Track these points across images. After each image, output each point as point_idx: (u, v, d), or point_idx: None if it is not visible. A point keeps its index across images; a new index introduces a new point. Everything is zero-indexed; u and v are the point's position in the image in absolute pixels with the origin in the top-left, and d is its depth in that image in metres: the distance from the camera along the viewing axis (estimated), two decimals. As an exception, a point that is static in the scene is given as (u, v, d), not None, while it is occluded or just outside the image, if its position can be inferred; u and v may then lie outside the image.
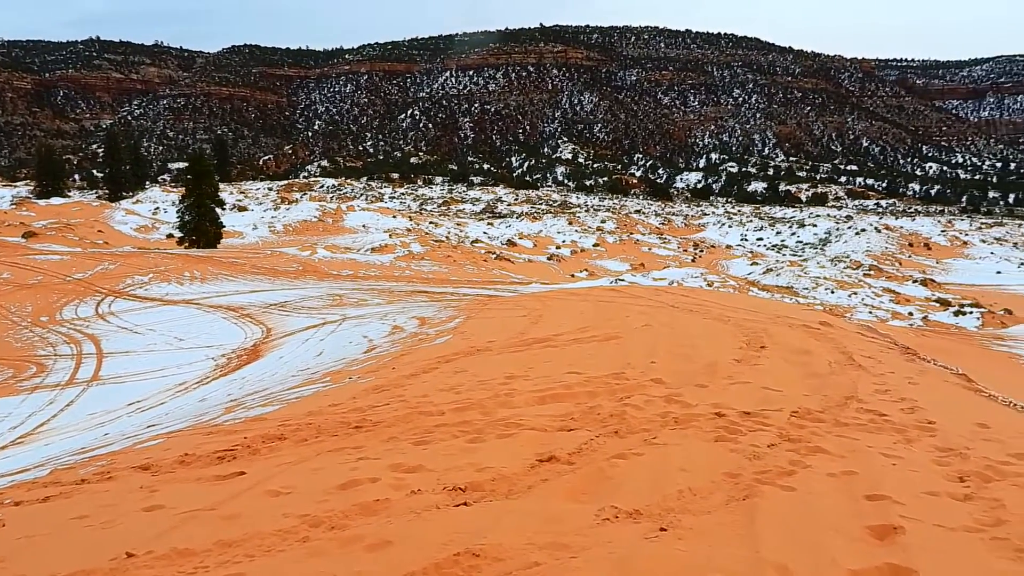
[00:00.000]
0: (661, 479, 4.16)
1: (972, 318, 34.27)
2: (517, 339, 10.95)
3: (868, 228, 78.46)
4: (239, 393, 10.24)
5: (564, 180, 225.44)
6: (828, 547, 3.24)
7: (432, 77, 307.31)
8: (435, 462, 4.56)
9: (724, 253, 69.35)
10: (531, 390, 6.88)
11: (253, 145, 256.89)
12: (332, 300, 23.30)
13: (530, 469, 4.41)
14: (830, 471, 4.33)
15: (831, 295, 41.13)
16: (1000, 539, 3.35)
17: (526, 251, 60.79)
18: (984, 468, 4.48)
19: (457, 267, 45.57)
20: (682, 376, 7.42)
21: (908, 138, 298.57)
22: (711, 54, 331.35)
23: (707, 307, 15.37)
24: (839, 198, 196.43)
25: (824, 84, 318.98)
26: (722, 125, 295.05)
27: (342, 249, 48.13)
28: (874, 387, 7.10)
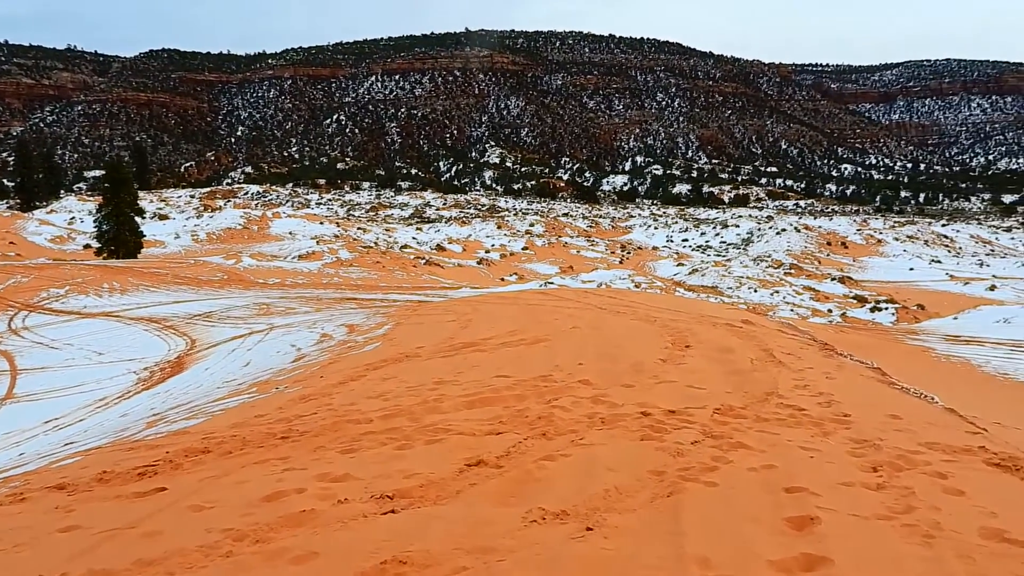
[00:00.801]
0: (588, 479, 4.22)
1: (887, 314, 35.55)
2: (446, 344, 10.94)
3: (788, 228, 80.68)
4: (162, 407, 9.99)
5: (492, 184, 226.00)
6: (748, 539, 3.34)
7: (358, 82, 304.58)
8: (363, 470, 4.52)
9: (651, 254, 70.45)
10: (460, 395, 6.88)
11: (174, 152, 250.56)
12: (259, 309, 22.90)
13: (458, 474, 4.42)
14: (751, 465, 4.45)
15: (754, 294, 42.15)
16: (910, 525, 3.49)
17: (455, 256, 60.73)
18: (896, 458, 4.66)
19: (386, 273, 45.26)
20: (609, 377, 7.52)
21: (824, 140, 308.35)
22: (634, 59, 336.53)
23: (634, 308, 15.60)
24: (760, 199, 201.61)
25: (744, 88, 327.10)
26: (646, 128, 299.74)
27: (268, 257, 47.34)
28: (794, 382, 7.32)
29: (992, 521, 3.55)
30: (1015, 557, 3.16)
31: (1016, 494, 4.13)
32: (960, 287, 49.36)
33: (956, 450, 4.93)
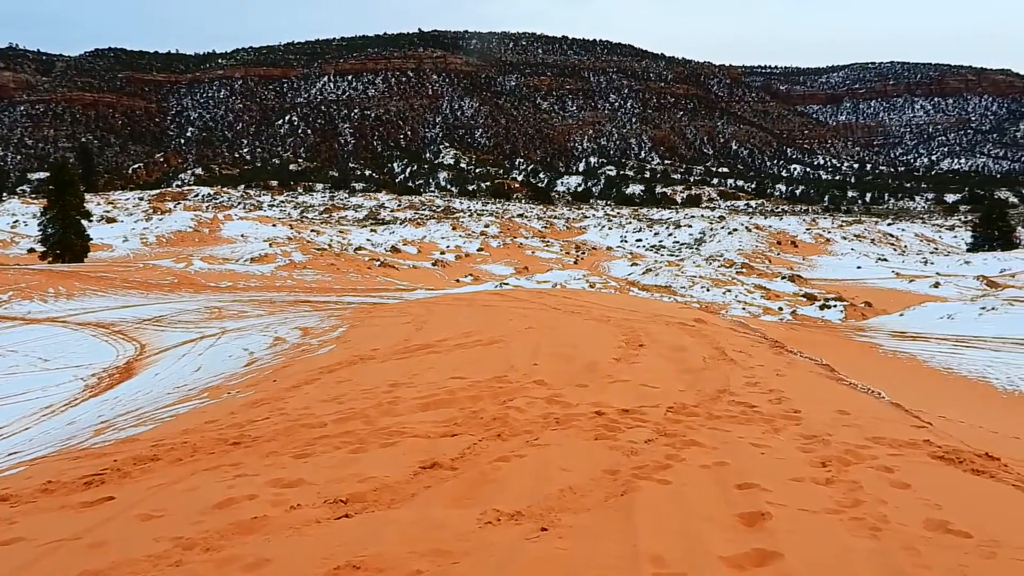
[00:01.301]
0: (542, 480, 4.23)
1: (836, 311, 36.21)
2: (401, 346, 10.89)
3: (740, 228, 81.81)
4: (110, 414, 9.77)
5: (447, 185, 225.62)
6: (701, 536, 3.37)
7: (310, 82, 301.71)
8: (316, 475, 4.48)
9: (605, 255, 70.86)
10: (415, 397, 6.85)
11: (121, 153, 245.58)
12: (210, 313, 22.55)
13: (413, 477, 4.40)
14: (703, 463, 4.50)
15: (707, 293, 42.63)
16: (857, 519, 3.56)
17: (410, 257, 60.45)
18: (844, 453, 4.76)
19: (341, 275, 44.89)
20: (564, 377, 7.55)
21: (774, 141, 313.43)
22: (588, 60, 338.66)
23: (589, 308, 15.69)
24: (712, 199, 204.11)
25: (695, 90, 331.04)
26: (600, 130, 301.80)
27: (220, 260, 46.64)
28: (745, 380, 7.42)
29: (936, 513, 3.64)
30: (958, 548, 3.23)
31: (959, 486, 4.24)
32: (906, 284, 50.50)
33: (902, 444, 5.05)
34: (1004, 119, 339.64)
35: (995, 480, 4.36)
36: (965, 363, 19.04)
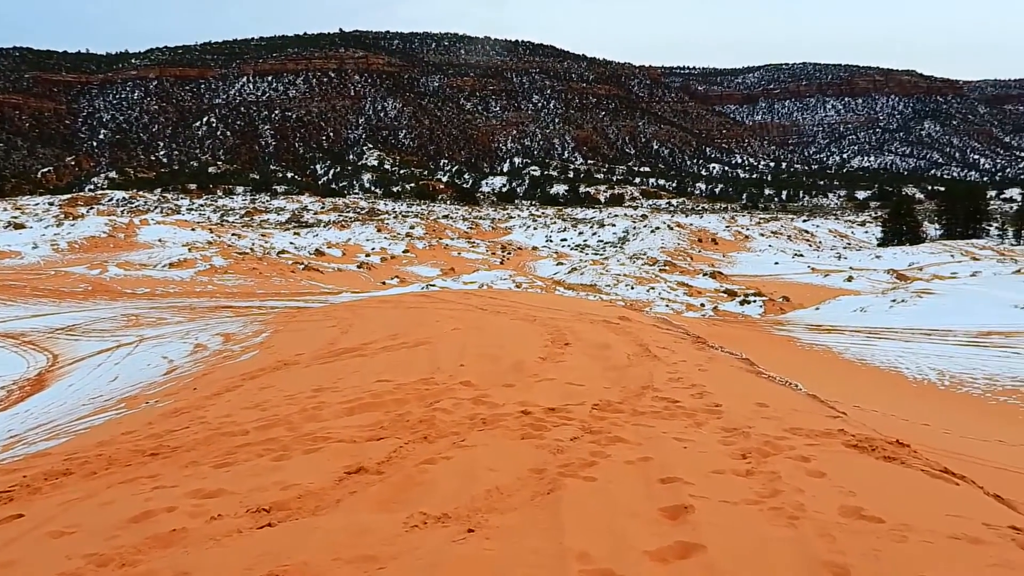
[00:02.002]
0: (469, 481, 4.22)
1: (755, 306, 37.12)
2: (326, 350, 10.74)
3: (662, 226, 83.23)
4: (20, 428, 9.38)
5: (371, 187, 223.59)
6: (626, 531, 3.41)
7: (228, 83, 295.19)
8: (238, 484, 4.38)
9: (531, 254, 71.24)
10: (340, 402, 6.76)
11: (29, 156, 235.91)
12: (127, 320, 21.85)
13: (338, 482, 4.34)
14: (628, 459, 4.56)
15: (631, 291, 43.21)
16: (776, 508, 3.65)
17: (335, 260, 59.65)
18: (763, 444, 4.88)
19: (263, 279, 44.02)
20: (490, 377, 7.56)
21: (693, 141, 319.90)
22: (510, 61, 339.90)
23: (515, 308, 15.73)
24: (634, 198, 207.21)
25: (616, 90, 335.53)
26: (523, 130, 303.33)
27: (137, 266, 45.20)
28: (668, 376, 7.55)
29: (851, 500, 3.76)
30: (871, 533, 3.35)
31: (872, 473, 4.39)
32: (821, 279, 52.12)
33: (818, 434, 5.20)
34: (910, 118, 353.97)
35: (905, 466, 4.53)
36: (878, 354, 19.76)
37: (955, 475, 4.55)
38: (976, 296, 28.44)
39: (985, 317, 24.87)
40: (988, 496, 4.32)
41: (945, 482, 4.31)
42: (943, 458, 6.94)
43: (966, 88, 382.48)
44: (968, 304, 27.06)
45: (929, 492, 4.09)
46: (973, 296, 28.56)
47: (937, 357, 19.21)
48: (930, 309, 26.90)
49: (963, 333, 22.82)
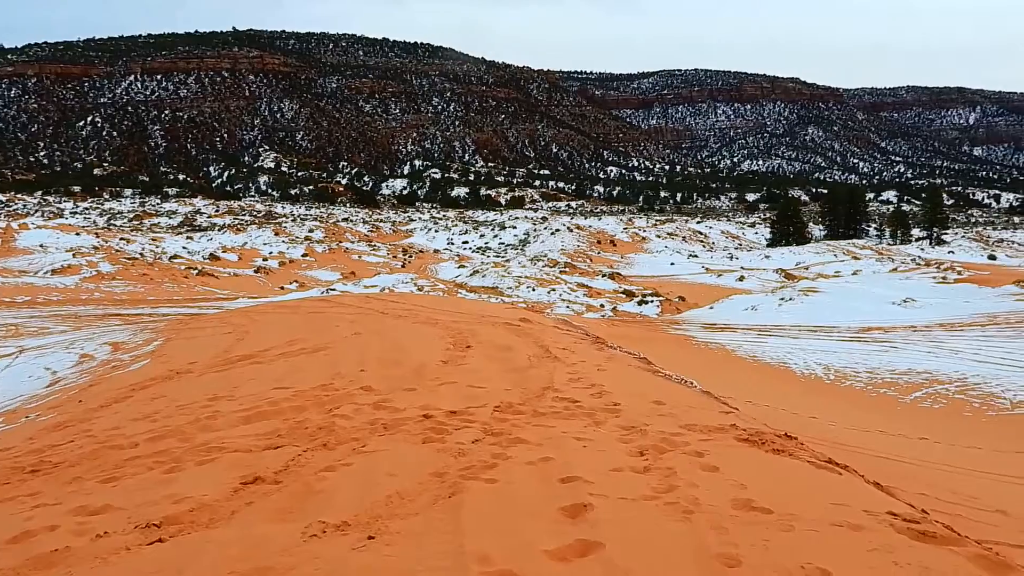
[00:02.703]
0: (370, 487, 4.17)
1: (653, 306, 37.97)
2: (221, 358, 10.44)
3: (562, 228, 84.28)
4: None
5: (268, 190, 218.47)
6: (526, 532, 3.44)
7: (115, 81, 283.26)
8: (126, 499, 4.21)
9: (432, 257, 70.97)
10: (235, 410, 6.58)
11: None
12: (6, 331, 20.68)
13: (233, 494, 4.22)
14: (529, 460, 4.59)
15: (532, 293, 43.57)
16: (672, 503, 3.75)
17: (231, 265, 57.99)
18: (660, 441, 5.00)
19: (155, 286, 42.40)
20: (391, 381, 7.50)
21: (591, 144, 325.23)
22: (410, 63, 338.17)
23: (416, 311, 15.65)
24: (535, 200, 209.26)
25: (516, 94, 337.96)
26: (424, 132, 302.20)
27: (16, 273, 42.86)
28: (568, 376, 7.65)
29: (742, 492, 3.89)
30: (761, 523, 3.48)
31: (762, 465, 4.56)
32: (714, 279, 53.78)
33: (711, 429, 5.37)
34: (795, 124, 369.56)
35: (793, 458, 4.72)
36: (768, 350, 20.52)
37: (839, 465, 4.77)
38: (857, 294, 29.90)
39: (866, 314, 26.16)
40: (868, 484, 4.55)
41: (829, 472, 4.52)
42: (828, 449, 7.26)
43: (846, 96, 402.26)
44: (850, 301, 28.40)
45: (814, 482, 4.28)
46: (854, 294, 30.01)
47: (823, 353, 20.08)
48: (816, 307, 28.11)
49: (846, 329, 23.94)
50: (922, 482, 7.34)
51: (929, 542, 3.35)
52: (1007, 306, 25.58)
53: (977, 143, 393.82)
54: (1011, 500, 7.79)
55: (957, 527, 4.75)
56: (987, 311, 25.18)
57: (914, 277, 33.43)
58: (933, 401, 15.46)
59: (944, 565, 3.08)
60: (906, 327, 23.78)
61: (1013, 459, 11.71)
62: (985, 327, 23.11)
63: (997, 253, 74.96)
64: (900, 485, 6.34)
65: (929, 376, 17.19)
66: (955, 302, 27.08)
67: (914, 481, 7.22)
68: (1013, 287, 27.77)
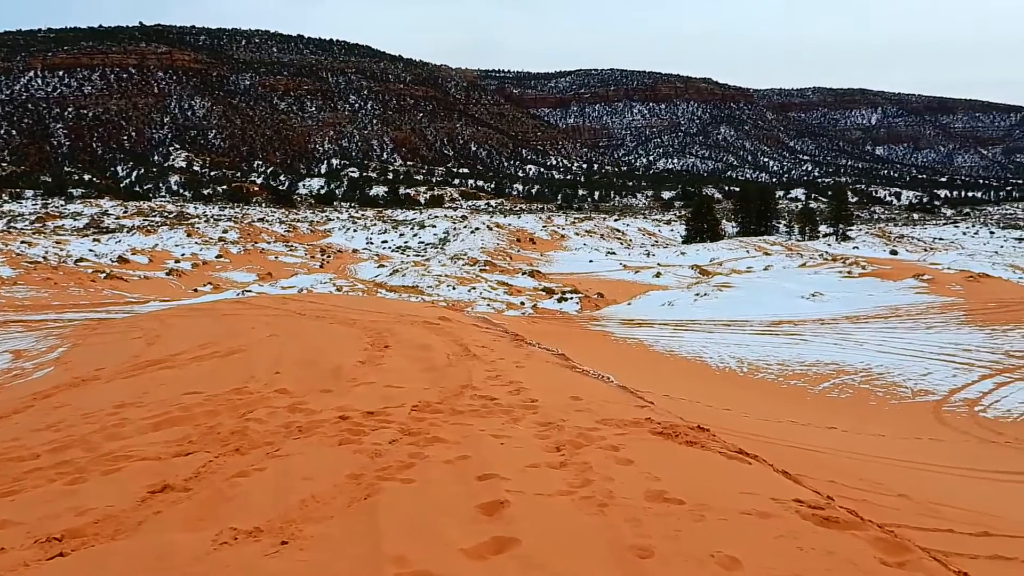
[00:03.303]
0: (283, 491, 4.10)
1: (572, 303, 38.35)
2: (130, 364, 10.11)
3: (482, 227, 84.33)
4: None
5: (180, 190, 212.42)
6: (443, 531, 3.43)
7: (13, 77, 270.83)
8: (25, 513, 4.03)
9: (352, 257, 70.08)
10: (144, 417, 6.38)
11: None
12: None
13: (140, 503, 4.09)
14: (446, 458, 4.59)
15: (453, 291, 43.48)
16: (587, 497, 3.80)
17: (141, 268, 56.11)
18: (576, 436, 5.06)
19: (60, 290, 40.71)
20: (307, 383, 7.39)
21: (510, 143, 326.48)
22: (325, 60, 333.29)
23: (334, 312, 15.44)
24: (454, 199, 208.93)
25: (434, 92, 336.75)
26: (341, 131, 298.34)
27: (-97, 278, 40.58)
28: (487, 374, 7.66)
29: (655, 484, 3.97)
30: (674, 514, 3.56)
31: (675, 458, 4.66)
32: (632, 275, 54.61)
33: (627, 424, 5.46)
34: (708, 123, 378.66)
35: (705, 450, 4.84)
36: (685, 345, 20.97)
37: (749, 455, 4.91)
38: (768, 288, 30.79)
39: (776, 307, 26.97)
40: (777, 473, 4.70)
41: (740, 462, 4.64)
42: (741, 440, 7.46)
43: (756, 96, 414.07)
44: (762, 296, 29.24)
45: (725, 472, 4.39)
46: (766, 288, 30.90)
47: (736, 346, 20.64)
48: (729, 301, 28.84)
49: (758, 323, 24.65)
50: (831, 469, 7.62)
51: (832, 527, 3.48)
52: (907, 299, 26.73)
53: (879, 142, 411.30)
54: (913, 484, 8.16)
55: (863, 512, 4.94)
56: (889, 304, 26.28)
57: (821, 272, 34.61)
58: (840, 391, 16.06)
59: (846, 549, 3.20)
60: (814, 320, 24.63)
61: (914, 445, 12.26)
62: (888, 319, 24.12)
63: (898, 248, 78.33)
64: (810, 473, 6.57)
65: (836, 367, 17.85)
66: (860, 295, 28.14)
67: (824, 468, 7.49)
68: (912, 280, 29.03)
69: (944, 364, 17.81)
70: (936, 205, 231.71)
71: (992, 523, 6.70)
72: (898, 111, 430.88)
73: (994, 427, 13.33)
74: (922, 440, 12.55)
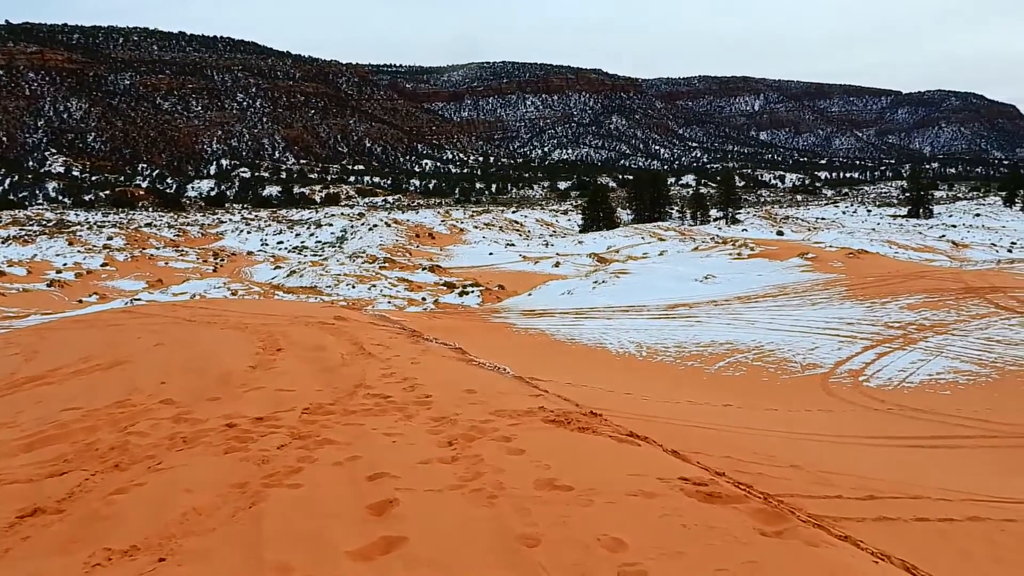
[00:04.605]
0: (164, 506, 3.93)
1: (474, 296, 38.43)
2: (5, 382, 9.54)
3: (380, 224, 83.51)
4: None
5: (58, 196, 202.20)
6: (329, 535, 3.35)
7: None
8: None
9: (246, 260, 68.32)
10: (16, 438, 6.03)
11: None
12: None
13: (8, 529, 3.85)
14: (336, 460, 4.49)
15: (353, 290, 42.95)
16: (477, 490, 3.78)
17: (19, 280, 53.28)
18: (469, 429, 5.04)
19: (-75, 309, 38.24)
20: (194, 392, 7.13)
21: (405, 138, 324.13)
22: (209, 58, 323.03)
23: (226, 317, 14.98)
24: (351, 197, 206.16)
25: (325, 88, 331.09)
26: (230, 130, 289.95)
27: None
28: (381, 372, 7.56)
29: (545, 473, 3.99)
30: (562, 501, 3.58)
31: (566, 444, 4.69)
32: (532, 266, 55.12)
33: (520, 414, 5.47)
34: (600, 113, 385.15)
35: (596, 435, 4.89)
36: (585, 332, 21.26)
37: (639, 438, 5.00)
38: (664, 273, 31.54)
39: (672, 291, 27.65)
40: (666, 453, 4.79)
41: (630, 445, 4.71)
42: (640, 422, 7.60)
43: (645, 86, 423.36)
44: (658, 281, 29.92)
45: (615, 456, 4.45)
46: (661, 273, 31.64)
47: (635, 331, 21.06)
48: (627, 287, 29.41)
49: (655, 307, 25.21)
50: (728, 445, 7.85)
51: (715, 503, 3.57)
52: (794, 277, 27.83)
53: (762, 128, 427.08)
54: (804, 455, 8.49)
55: (759, 485, 5.10)
56: (777, 283, 27.30)
57: (713, 255, 35.66)
58: (735, 369, 16.59)
59: (726, 523, 3.29)
60: (708, 302, 25.36)
61: (805, 417, 12.77)
62: (776, 297, 25.04)
63: (784, 229, 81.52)
64: (707, 450, 6.75)
65: (730, 346, 18.43)
66: (750, 276, 29.13)
67: (720, 445, 7.71)
68: (798, 259, 30.24)
69: (830, 338, 18.62)
70: (817, 186, 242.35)
71: (877, 486, 7.04)
72: (779, 97, 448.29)
73: (876, 395, 14.02)
74: (812, 412, 13.08)
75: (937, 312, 20.28)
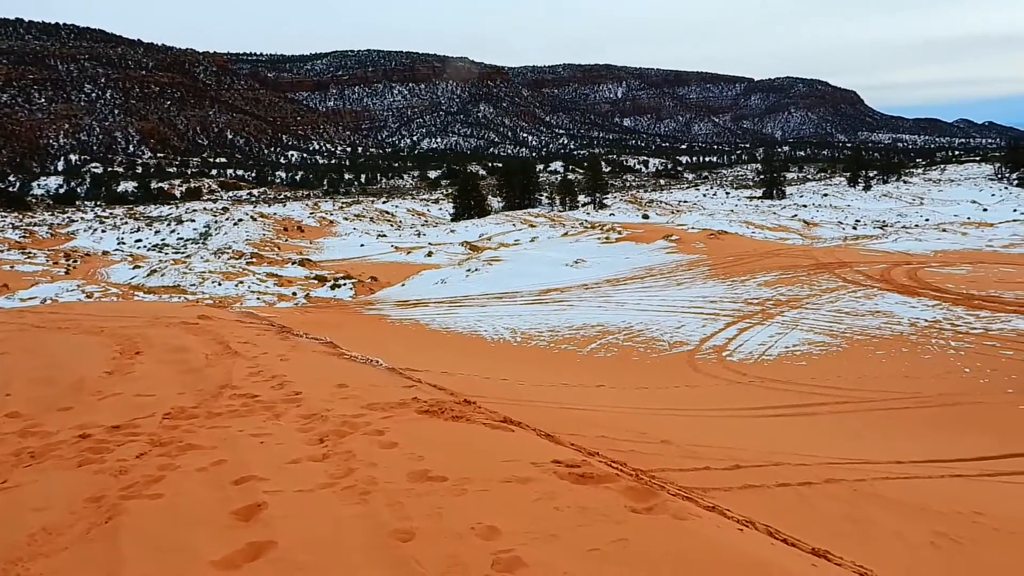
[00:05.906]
0: (9, 528, 3.65)
1: (346, 289, 37.80)
2: None
3: (245, 218, 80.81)
4: None
5: None
6: (193, 545, 3.20)
7: None
8: None
9: (102, 260, 64.70)
10: None
11: None
12: None
13: None
14: (200, 466, 4.29)
15: (219, 287, 41.46)
16: (349, 487, 3.69)
17: None
18: (341, 425, 4.92)
19: None
20: (43, 403, 6.67)
21: (269, 129, 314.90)
22: (52, 46, 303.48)
23: (79, 321, 14.13)
24: (213, 191, 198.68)
25: (181, 78, 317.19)
26: (78, 124, 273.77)
27: None
28: (248, 371, 7.30)
29: (419, 464, 3.94)
30: (436, 492, 3.54)
31: (440, 435, 4.65)
32: (404, 256, 54.70)
33: (393, 406, 5.39)
34: (467, 102, 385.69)
35: (470, 423, 4.88)
36: (460, 321, 21.28)
37: (513, 423, 5.02)
38: (535, 259, 31.94)
39: (544, 277, 28.04)
40: (540, 437, 4.83)
41: (504, 431, 4.72)
42: (515, 407, 7.64)
43: (511, 74, 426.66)
44: (530, 267, 30.28)
45: (489, 443, 4.45)
46: (533, 259, 32.03)
47: (509, 317, 21.24)
48: (500, 275, 29.61)
49: (528, 293, 25.50)
50: (602, 425, 8.01)
51: (588, 483, 3.62)
52: (659, 259, 28.75)
53: (626, 114, 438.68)
54: (674, 430, 8.77)
55: (632, 462, 5.22)
56: (644, 264, 28.13)
57: (583, 239, 36.38)
58: (606, 351, 16.99)
59: (598, 503, 3.33)
60: (579, 286, 25.86)
61: (674, 393, 13.22)
62: (643, 279, 25.80)
63: (649, 212, 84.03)
64: (581, 431, 6.85)
65: (601, 328, 18.86)
66: (618, 259, 29.90)
67: (595, 426, 7.85)
68: (662, 241, 31.24)
69: (695, 316, 19.34)
70: (679, 171, 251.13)
71: (741, 456, 7.35)
72: (640, 84, 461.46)
73: (739, 369, 14.67)
74: (680, 388, 13.56)
75: (792, 288, 21.41)
